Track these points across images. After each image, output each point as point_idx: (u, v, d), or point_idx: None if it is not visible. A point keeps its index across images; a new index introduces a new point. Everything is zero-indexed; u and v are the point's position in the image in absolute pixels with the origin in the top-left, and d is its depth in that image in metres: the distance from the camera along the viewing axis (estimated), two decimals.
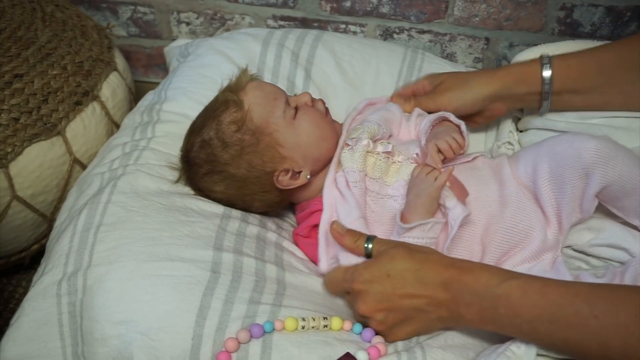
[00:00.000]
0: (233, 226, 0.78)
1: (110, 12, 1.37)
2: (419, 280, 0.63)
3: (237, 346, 0.63)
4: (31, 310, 0.71)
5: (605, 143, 0.72)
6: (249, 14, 1.34)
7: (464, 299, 0.61)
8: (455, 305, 0.62)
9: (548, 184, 0.76)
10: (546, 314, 0.57)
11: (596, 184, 0.72)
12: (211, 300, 0.67)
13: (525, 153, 0.81)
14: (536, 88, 0.84)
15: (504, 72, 0.87)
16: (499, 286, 0.60)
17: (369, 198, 0.80)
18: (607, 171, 0.71)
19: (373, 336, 0.66)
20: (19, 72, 1.00)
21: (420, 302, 0.63)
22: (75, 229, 0.76)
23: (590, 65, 0.83)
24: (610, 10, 1.23)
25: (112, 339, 0.67)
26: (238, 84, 0.83)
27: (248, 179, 0.81)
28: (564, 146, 0.75)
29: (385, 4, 1.28)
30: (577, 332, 0.56)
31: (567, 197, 0.74)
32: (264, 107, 0.81)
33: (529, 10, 1.25)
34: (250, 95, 0.82)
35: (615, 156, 0.72)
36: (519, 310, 0.58)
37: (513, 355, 0.61)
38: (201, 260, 0.71)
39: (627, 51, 0.82)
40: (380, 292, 0.64)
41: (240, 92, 0.82)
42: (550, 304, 0.57)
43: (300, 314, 0.67)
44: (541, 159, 0.77)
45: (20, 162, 0.95)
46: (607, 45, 0.85)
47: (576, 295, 0.56)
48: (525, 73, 0.85)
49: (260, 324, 0.65)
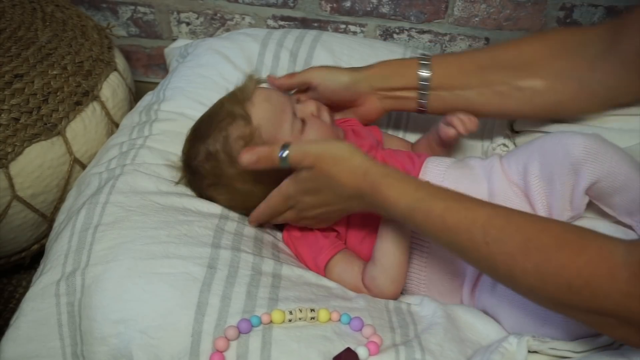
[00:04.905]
0: (231, 226, 0.78)
1: (110, 12, 1.38)
2: (335, 194, 0.71)
3: (228, 344, 0.63)
4: (30, 310, 0.71)
5: (594, 139, 0.72)
6: (249, 14, 1.34)
7: (376, 210, 0.69)
8: (370, 210, 0.71)
9: (538, 181, 0.76)
10: (446, 236, 0.62)
11: (585, 180, 0.72)
12: (209, 296, 0.67)
13: (516, 152, 0.81)
14: (412, 83, 0.86)
15: (380, 64, 0.89)
16: (405, 210, 0.64)
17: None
18: (595, 167, 0.71)
19: (363, 326, 0.67)
20: (19, 72, 1.00)
21: (334, 209, 0.73)
22: (74, 229, 0.76)
23: (466, 65, 0.85)
24: (610, 10, 1.23)
25: (111, 338, 0.67)
26: (245, 93, 0.81)
27: (253, 193, 0.80)
28: (553, 143, 0.75)
29: (385, 4, 1.28)
30: (471, 255, 0.61)
31: (557, 193, 0.74)
32: (272, 123, 0.80)
33: (528, 10, 1.25)
34: (258, 109, 0.80)
35: (603, 152, 0.71)
36: (424, 229, 0.64)
37: (506, 352, 0.63)
38: (198, 257, 0.71)
39: (501, 52, 0.85)
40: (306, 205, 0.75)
41: (248, 103, 0.80)
42: (448, 229, 0.61)
43: (296, 307, 0.67)
44: (531, 157, 0.77)
45: (20, 162, 0.95)
46: (484, 48, 0.88)
47: (473, 222, 0.60)
48: (402, 66, 0.87)
49: (247, 319, 0.65)
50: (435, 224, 0.62)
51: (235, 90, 0.83)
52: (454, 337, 0.67)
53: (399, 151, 0.89)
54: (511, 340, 0.64)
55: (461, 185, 0.77)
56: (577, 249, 0.55)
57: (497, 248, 0.58)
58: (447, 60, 0.87)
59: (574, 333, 0.65)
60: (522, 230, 0.58)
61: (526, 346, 0.63)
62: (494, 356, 0.62)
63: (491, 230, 0.59)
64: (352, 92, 0.88)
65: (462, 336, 0.68)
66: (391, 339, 0.67)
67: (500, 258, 0.58)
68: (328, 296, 0.72)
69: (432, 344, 0.65)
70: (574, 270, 0.54)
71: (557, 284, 0.55)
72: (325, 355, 0.63)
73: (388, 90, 0.88)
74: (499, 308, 0.71)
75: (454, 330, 0.68)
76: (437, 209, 0.62)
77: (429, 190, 0.65)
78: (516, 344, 0.64)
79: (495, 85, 0.84)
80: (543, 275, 0.56)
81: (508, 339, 0.65)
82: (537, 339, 0.65)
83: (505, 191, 0.78)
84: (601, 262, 0.53)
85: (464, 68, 0.85)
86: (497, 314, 0.72)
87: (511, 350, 0.63)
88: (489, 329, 0.71)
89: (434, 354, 0.64)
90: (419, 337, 0.67)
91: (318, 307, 0.68)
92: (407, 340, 0.67)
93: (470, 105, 0.85)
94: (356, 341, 0.65)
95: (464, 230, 0.60)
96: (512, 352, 0.63)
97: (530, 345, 0.64)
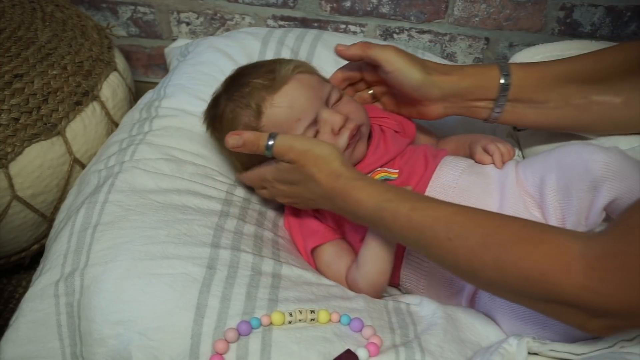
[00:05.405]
0: (231, 224, 0.78)
1: (110, 12, 1.38)
2: (309, 189, 0.74)
3: (227, 346, 0.63)
4: (29, 311, 0.71)
5: (614, 155, 0.71)
6: (249, 14, 1.34)
7: (345, 214, 0.72)
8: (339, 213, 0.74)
9: (555, 194, 0.74)
10: (412, 234, 0.65)
11: (604, 198, 0.70)
12: (208, 297, 0.67)
13: (533, 162, 0.79)
14: (492, 95, 0.82)
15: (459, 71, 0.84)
16: (374, 211, 0.67)
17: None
18: (615, 184, 0.70)
19: (363, 327, 0.67)
20: (19, 72, 1.00)
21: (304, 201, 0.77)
22: (73, 228, 0.75)
23: (546, 76, 0.82)
24: (610, 10, 1.23)
25: (111, 339, 0.67)
26: (276, 82, 0.79)
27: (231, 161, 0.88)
28: (573, 157, 0.73)
29: (385, 4, 1.28)
30: (435, 252, 0.63)
31: (573, 209, 0.72)
32: (280, 129, 0.77)
33: (529, 10, 1.25)
34: (274, 110, 0.78)
35: (624, 169, 0.70)
36: (392, 230, 0.67)
37: (506, 353, 0.63)
38: (198, 257, 0.71)
39: (580, 65, 0.82)
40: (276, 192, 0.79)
41: (269, 98, 0.78)
42: (414, 227, 0.64)
43: (296, 308, 0.67)
44: (549, 169, 0.75)
45: (20, 162, 0.95)
46: (562, 59, 0.84)
47: (437, 220, 0.63)
48: (484, 76, 0.83)
49: (247, 321, 0.65)
50: (402, 223, 0.65)
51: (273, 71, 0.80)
52: (453, 338, 0.67)
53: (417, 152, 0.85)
54: (511, 342, 0.64)
55: (472, 193, 0.77)
56: (534, 243, 0.56)
57: (459, 243, 0.60)
58: (525, 71, 0.83)
59: (574, 338, 0.65)
60: (482, 226, 0.60)
61: (526, 347, 0.63)
62: (494, 357, 0.62)
63: (453, 227, 0.61)
64: (420, 93, 0.82)
65: (462, 337, 0.68)
66: (391, 339, 0.67)
67: (462, 252, 0.60)
68: (328, 296, 0.71)
69: (432, 345, 0.65)
70: (530, 262, 0.56)
71: (514, 276, 0.57)
72: (325, 357, 0.63)
73: (461, 101, 0.84)
74: (498, 313, 0.71)
75: (453, 331, 0.68)
76: (403, 209, 0.65)
77: (396, 192, 0.68)
78: (516, 345, 0.64)
79: (573, 99, 0.81)
80: (501, 268, 0.57)
81: (508, 340, 0.65)
82: (537, 341, 0.65)
83: (516, 204, 0.76)
84: (558, 255, 0.55)
85: (543, 80, 0.82)
86: (496, 318, 0.72)
87: (511, 352, 0.63)
88: (489, 330, 0.70)
89: (434, 354, 0.64)
90: (419, 337, 0.67)
91: (318, 308, 0.68)
92: (407, 341, 0.67)
93: (545, 118, 0.83)
94: (356, 342, 0.65)
95: (429, 228, 0.63)
96: (512, 353, 0.63)
97: (530, 347, 0.64)
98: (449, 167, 0.81)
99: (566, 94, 0.81)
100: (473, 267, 0.60)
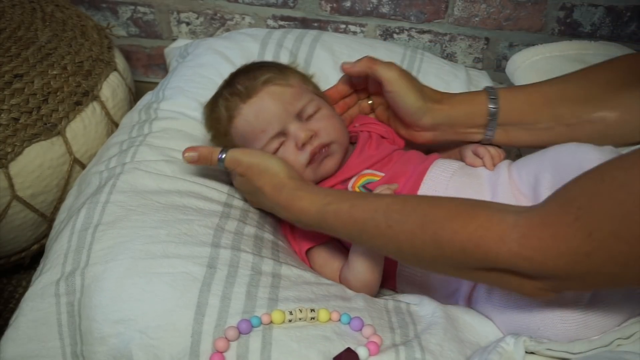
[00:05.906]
0: (231, 225, 0.78)
1: (110, 12, 1.38)
2: (260, 200, 0.79)
3: (228, 345, 0.63)
4: (29, 310, 0.71)
5: (609, 155, 0.70)
6: (249, 14, 1.34)
7: (295, 222, 0.76)
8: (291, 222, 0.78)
9: (549, 193, 0.74)
10: (355, 229, 0.68)
11: None
12: (208, 296, 0.67)
13: (527, 162, 0.79)
14: (481, 122, 0.83)
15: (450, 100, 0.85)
16: (317, 214, 0.71)
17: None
18: None
19: (363, 326, 0.67)
20: (19, 72, 1.00)
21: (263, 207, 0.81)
22: (74, 228, 0.76)
23: (535, 99, 0.83)
24: (610, 10, 1.23)
25: (111, 338, 0.67)
26: (248, 90, 0.82)
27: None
28: (567, 156, 0.73)
29: (385, 4, 1.28)
30: (379, 240, 0.66)
31: None
32: (245, 139, 0.84)
33: (529, 10, 1.25)
34: (240, 121, 0.83)
35: None
36: (336, 229, 0.70)
37: (504, 352, 0.64)
38: (198, 256, 0.71)
39: (570, 84, 0.82)
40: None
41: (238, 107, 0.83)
42: (356, 222, 0.67)
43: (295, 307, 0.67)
44: (543, 168, 0.75)
45: (20, 162, 0.95)
46: (552, 80, 0.84)
47: (376, 211, 0.66)
48: (472, 104, 0.83)
49: (247, 319, 0.65)
50: (345, 221, 0.68)
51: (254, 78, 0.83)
52: (453, 337, 0.67)
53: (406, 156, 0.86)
54: (508, 341, 0.65)
55: (464, 194, 0.76)
56: (468, 217, 0.59)
57: (399, 228, 0.64)
58: (514, 94, 0.83)
59: (570, 338, 0.65)
60: (418, 209, 0.64)
61: (523, 346, 0.64)
62: (492, 356, 0.62)
63: (392, 214, 0.64)
64: (412, 119, 0.84)
65: (461, 336, 0.68)
66: (391, 339, 0.67)
67: (403, 237, 0.63)
68: (327, 296, 0.72)
69: (432, 344, 0.65)
70: (465, 235, 0.59)
71: (452, 249, 0.60)
72: (326, 356, 0.63)
73: (452, 129, 0.85)
74: (494, 314, 0.71)
75: (453, 330, 0.68)
76: (344, 208, 0.69)
77: (336, 194, 0.72)
78: (513, 344, 0.64)
79: (565, 119, 0.81)
80: (440, 244, 0.61)
81: (505, 339, 0.65)
82: (534, 340, 0.65)
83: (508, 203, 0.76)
84: (491, 226, 0.57)
85: (533, 103, 0.82)
86: (492, 318, 0.72)
87: (509, 350, 0.63)
88: (488, 329, 0.71)
89: (434, 353, 0.64)
90: (419, 337, 0.67)
91: (318, 307, 0.68)
92: (407, 340, 0.67)
93: (538, 138, 0.83)
94: (356, 341, 0.65)
95: (369, 219, 0.66)
96: (509, 352, 0.63)
97: (527, 346, 0.64)
98: (440, 169, 0.81)
99: (558, 115, 0.82)
100: (415, 248, 0.63)
